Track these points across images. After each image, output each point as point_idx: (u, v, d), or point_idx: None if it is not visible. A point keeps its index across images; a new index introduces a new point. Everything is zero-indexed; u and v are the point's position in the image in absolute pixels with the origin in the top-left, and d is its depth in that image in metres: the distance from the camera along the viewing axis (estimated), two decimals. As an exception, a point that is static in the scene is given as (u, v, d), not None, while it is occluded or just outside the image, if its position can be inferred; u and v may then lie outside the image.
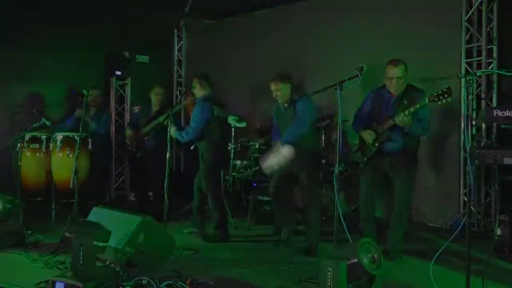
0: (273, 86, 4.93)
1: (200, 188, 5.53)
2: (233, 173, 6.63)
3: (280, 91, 4.89)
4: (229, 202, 6.53)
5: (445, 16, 6.03)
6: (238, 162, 6.70)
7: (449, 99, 4.04)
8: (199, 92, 5.49)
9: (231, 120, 6.78)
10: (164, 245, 4.23)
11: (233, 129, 6.76)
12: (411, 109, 4.28)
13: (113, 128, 7.90)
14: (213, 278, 3.88)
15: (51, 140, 5.93)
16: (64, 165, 5.79)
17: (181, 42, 8.96)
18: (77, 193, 4.95)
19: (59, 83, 7.33)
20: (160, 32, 8.50)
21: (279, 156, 4.63)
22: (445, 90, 4.03)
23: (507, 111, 4.96)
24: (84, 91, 5.37)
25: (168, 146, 5.08)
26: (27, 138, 5.90)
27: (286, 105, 4.95)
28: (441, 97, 4.05)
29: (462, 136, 5.81)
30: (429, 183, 6.10)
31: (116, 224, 3.96)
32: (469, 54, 5.90)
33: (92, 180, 6.23)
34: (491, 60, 5.75)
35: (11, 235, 4.77)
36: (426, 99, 4.17)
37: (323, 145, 6.19)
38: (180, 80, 8.97)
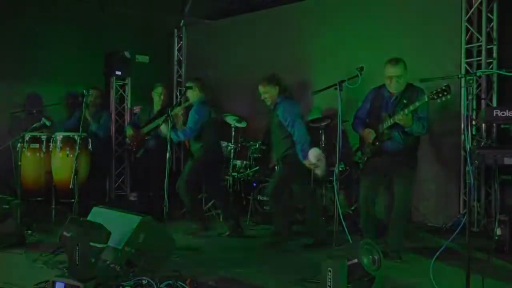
0: (261, 89, 5.02)
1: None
2: (233, 173, 6.63)
3: (268, 94, 4.99)
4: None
5: (445, 16, 6.02)
6: (238, 162, 6.70)
7: (448, 97, 4.06)
8: (196, 94, 5.55)
9: (231, 120, 6.78)
10: (164, 245, 4.22)
11: (233, 129, 6.76)
12: (411, 107, 4.29)
13: (113, 128, 7.89)
14: (213, 278, 3.89)
15: (51, 140, 5.93)
16: (64, 165, 5.78)
17: (181, 42, 8.95)
18: (77, 193, 4.95)
19: (59, 83, 7.33)
20: (160, 32, 8.51)
21: (317, 164, 4.83)
22: (444, 87, 4.05)
23: (507, 111, 4.96)
24: (84, 91, 5.36)
25: (168, 146, 5.08)
26: (27, 138, 5.89)
27: (272, 107, 5.04)
28: (440, 95, 4.07)
29: (462, 136, 5.82)
30: (429, 183, 6.10)
31: (116, 224, 3.95)
32: (469, 54, 5.89)
33: (92, 180, 6.22)
34: (491, 60, 5.74)
35: (11, 235, 4.77)
36: (426, 97, 4.18)
37: (323, 145, 6.19)
38: (180, 80, 8.95)
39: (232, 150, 6.62)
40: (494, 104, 5.70)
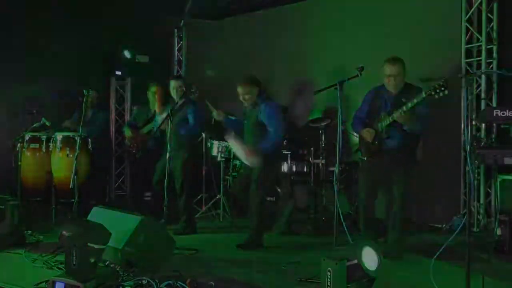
0: (241, 90, 5.00)
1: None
2: (233, 173, 6.62)
3: (248, 95, 4.98)
4: (229, 201, 6.54)
5: (445, 16, 6.03)
6: (238, 162, 6.69)
7: (446, 92, 4.06)
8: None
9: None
10: (164, 245, 4.22)
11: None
12: (409, 105, 4.29)
13: (113, 128, 7.90)
14: (213, 278, 3.88)
15: (51, 140, 5.93)
16: (64, 165, 5.79)
17: (181, 42, 8.95)
18: (77, 193, 4.95)
19: (59, 83, 7.32)
20: (160, 32, 8.51)
21: (244, 157, 4.95)
22: (441, 83, 4.07)
23: (507, 111, 4.96)
24: (84, 91, 5.36)
25: (168, 146, 5.08)
26: (27, 138, 5.90)
27: (250, 107, 5.06)
28: (437, 91, 4.08)
29: (462, 136, 5.82)
30: (429, 183, 6.09)
31: (116, 224, 3.95)
32: (469, 54, 5.90)
33: (92, 180, 6.22)
34: (491, 60, 5.75)
35: (11, 235, 4.77)
36: (423, 93, 4.19)
37: (323, 145, 6.18)
38: (180, 80, 8.95)
39: (232, 150, 6.61)
40: (494, 104, 5.70)
